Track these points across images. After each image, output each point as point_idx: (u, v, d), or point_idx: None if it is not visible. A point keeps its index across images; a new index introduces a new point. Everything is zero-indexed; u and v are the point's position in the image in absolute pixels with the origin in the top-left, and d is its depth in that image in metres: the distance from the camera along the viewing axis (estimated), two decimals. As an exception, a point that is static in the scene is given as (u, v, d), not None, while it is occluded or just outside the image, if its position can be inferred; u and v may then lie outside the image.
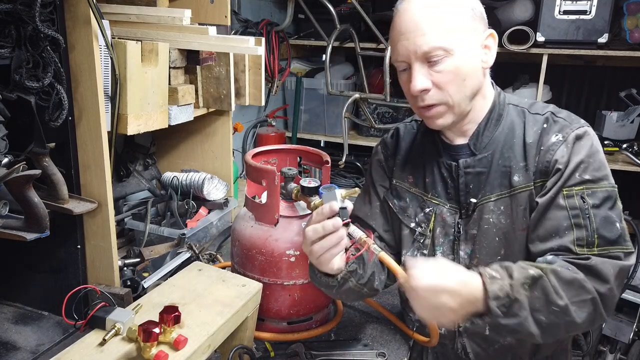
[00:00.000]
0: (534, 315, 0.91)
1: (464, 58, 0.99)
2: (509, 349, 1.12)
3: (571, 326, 0.93)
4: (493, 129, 1.08)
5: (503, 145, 1.07)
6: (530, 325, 0.91)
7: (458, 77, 0.99)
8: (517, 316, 0.90)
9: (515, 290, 0.90)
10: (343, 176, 2.97)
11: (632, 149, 2.68)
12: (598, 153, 1.02)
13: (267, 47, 2.72)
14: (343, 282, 1.06)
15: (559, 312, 0.91)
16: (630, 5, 2.55)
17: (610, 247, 0.96)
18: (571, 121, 1.05)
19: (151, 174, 1.93)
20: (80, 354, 0.89)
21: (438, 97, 1.01)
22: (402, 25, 1.00)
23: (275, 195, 1.21)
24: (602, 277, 0.93)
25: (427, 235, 1.15)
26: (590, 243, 0.96)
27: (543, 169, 1.03)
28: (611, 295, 0.94)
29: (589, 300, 0.92)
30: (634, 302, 2.30)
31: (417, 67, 0.99)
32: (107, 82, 1.31)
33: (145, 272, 1.47)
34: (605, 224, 0.97)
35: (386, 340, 1.30)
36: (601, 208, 0.98)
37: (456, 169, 1.09)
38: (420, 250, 1.16)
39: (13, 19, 1.03)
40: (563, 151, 1.01)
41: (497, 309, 0.89)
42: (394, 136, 1.25)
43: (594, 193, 0.99)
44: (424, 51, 0.97)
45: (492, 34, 1.04)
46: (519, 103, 1.11)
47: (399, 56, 1.02)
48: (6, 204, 1.13)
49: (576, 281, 0.92)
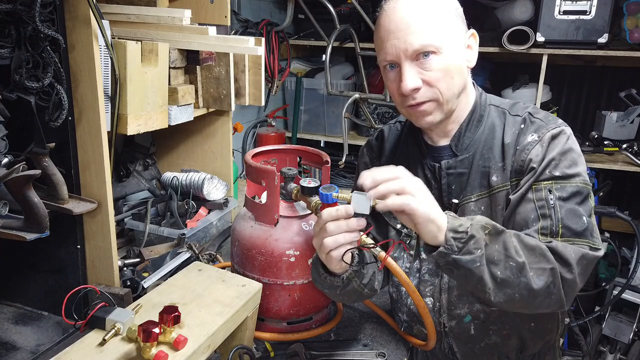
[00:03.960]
0: (490, 267, 0.90)
1: (451, 56, 1.00)
2: (495, 347, 1.12)
3: (526, 289, 0.91)
4: (474, 130, 1.09)
5: (483, 146, 1.08)
6: (484, 273, 0.90)
7: (448, 74, 1.00)
8: (471, 254, 0.89)
9: (473, 229, 0.91)
10: (343, 176, 2.98)
11: (632, 149, 2.68)
12: (572, 151, 1.02)
13: (267, 47, 2.73)
14: (347, 282, 1.07)
15: (516, 269, 0.90)
16: (630, 5, 2.55)
17: (575, 239, 0.95)
18: (548, 122, 1.05)
19: (151, 174, 1.93)
20: (80, 354, 0.89)
21: (429, 94, 1.01)
22: (391, 24, 1.00)
23: (275, 195, 1.21)
24: (564, 259, 0.92)
25: (412, 236, 1.16)
26: (554, 232, 0.96)
27: (518, 167, 1.04)
28: (573, 280, 0.92)
29: (548, 269, 0.91)
30: (634, 302, 2.30)
31: (407, 66, 0.99)
32: (107, 82, 1.31)
33: (145, 272, 1.47)
34: (570, 215, 0.97)
35: (386, 340, 1.30)
36: (568, 201, 0.98)
37: (438, 170, 1.10)
38: (406, 251, 1.17)
39: (13, 19, 1.03)
40: (538, 150, 1.02)
41: (453, 241, 0.89)
42: (379, 138, 1.26)
43: (562, 187, 0.99)
44: (414, 49, 0.97)
45: (473, 34, 1.07)
46: (500, 104, 1.12)
47: (387, 55, 1.02)
48: (6, 204, 1.13)
49: (538, 248, 0.93)
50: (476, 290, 0.94)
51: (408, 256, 1.17)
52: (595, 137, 2.82)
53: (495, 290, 0.91)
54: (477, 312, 1.09)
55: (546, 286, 0.91)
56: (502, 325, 1.10)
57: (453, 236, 0.90)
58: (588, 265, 0.95)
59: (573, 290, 0.94)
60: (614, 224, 2.71)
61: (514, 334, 1.11)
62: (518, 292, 0.92)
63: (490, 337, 1.11)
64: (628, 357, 2.37)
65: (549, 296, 0.92)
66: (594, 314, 2.31)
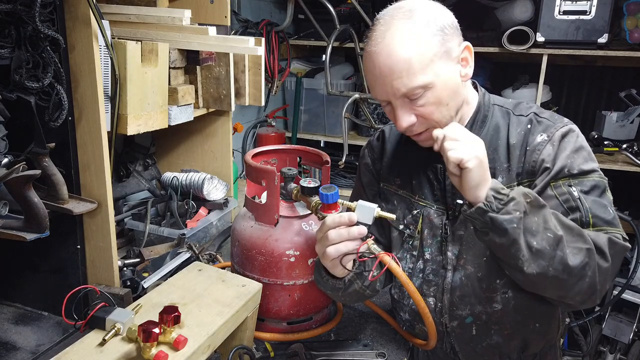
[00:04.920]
0: (526, 236, 0.89)
1: (443, 86, 0.98)
2: (497, 347, 1.12)
3: (561, 264, 0.90)
4: (478, 130, 1.09)
5: (488, 147, 1.06)
6: (520, 238, 0.89)
7: (441, 104, 0.99)
8: (510, 214, 0.89)
9: (515, 192, 0.91)
10: (343, 176, 2.97)
11: (632, 149, 2.68)
12: (583, 149, 1.02)
13: (267, 47, 2.73)
14: (349, 284, 1.09)
15: (553, 241, 0.90)
16: (630, 5, 2.55)
17: (607, 227, 0.96)
18: (554, 121, 1.06)
19: (151, 174, 1.92)
20: (80, 354, 0.89)
21: (425, 125, 1.02)
22: (375, 70, 0.98)
23: (275, 195, 1.21)
24: (598, 247, 0.92)
25: (415, 237, 1.16)
26: (585, 223, 0.96)
27: (530, 169, 1.03)
28: (607, 267, 0.92)
29: (585, 249, 0.91)
30: (634, 302, 2.30)
31: (399, 105, 1.00)
32: (107, 82, 1.31)
33: (145, 272, 1.47)
34: (597, 205, 0.97)
35: (386, 340, 1.30)
36: (590, 194, 0.99)
37: (442, 171, 1.10)
38: (410, 251, 1.17)
39: (13, 19, 1.03)
40: (549, 150, 1.02)
41: (493, 200, 0.89)
42: (380, 138, 1.26)
43: (581, 182, 0.99)
44: (402, 93, 0.97)
45: (467, 46, 1.03)
46: (504, 104, 1.12)
47: (378, 95, 1.03)
48: (6, 204, 1.13)
49: (576, 228, 0.93)
50: (509, 256, 0.92)
51: (411, 257, 1.16)
52: (595, 137, 2.82)
53: (529, 259, 0.90)
54: (479, 313, 1.09)
55: (582, 266, 0.91)
56: (503, 326, 1.10)
57: (494, 195, 0.89)
58: (619, 253, 0.95)
59: (606, 279, 0.94)
60: (614, 224, 2.71)
61: (516, 334, 1.11)
62: (553, 266, 0.90)
63: (492, 337, 1.11)
64: (628, 357, 2.37)
65: (583, 278, 0.91)
66: (594, 314, 2.31)
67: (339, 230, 0.98)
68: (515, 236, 0.89)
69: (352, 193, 1.32)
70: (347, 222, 0.97)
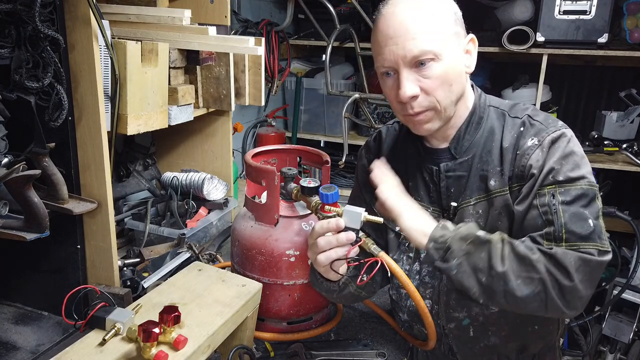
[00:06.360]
0: (476, 273, 0.95)
1: (450, 63, 0.98)
2: (495, 348, 1.12)
3: (510, 296, 0.93)
4: (473, 132, 1.07)
5: (482, 149, 1.06)
6: (464, 280, 0.96)
7: (446, 82, 0.98)
8: (448, 262, 0.97)
9: (452, 240, 0.97)
10: (343, 176, 2.97)
11: (632, 149, 2.68)
12: (573, 154, 0.99)
13: (267, 47, 2.72)
14: (344, 287, 1.12)
15: (497, 278, 0.94)
16: (630, 5, 2.55)
17: (580, 243, 0.93)
18: (547, 125, 1.03)
19: (151, 174, 1.92)
20: (80, 354, 0.89)
21: (426, 103, 1.00)
22: (389, 30, 0.98)
23: (275, 195, 1.21)
24: (563, 266, 0.91)
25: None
26: (558, 238, 0.94)
27: (519, 173, 1.02)
28: (572, 287, 0.91)
29: (536, 279, 0.92)
30: (634, 302, 2.30)
31: (406, 73, 0.98)
32: (107, 82, 1.31)
33: (145, 272, 1.47)
34: (574, 219, 0.94)
35: (386, 340, 1.30)
36: (572, 205, 0.95)
37: (437, 173, 1.10)
38: (406, 253, 1.16)
39: (13, 19, 1.03)
40: (538, 155, 0.99)
41: (433, 250, 0.98)
42: (377, 139, 1.26)
43: (566, 191, 0.96)
44: (413, 55, 0.96)
45: (472, 39, 1.04)
46: (500, 105, 1.10)
47: (385, 61, 1.00)
48: (6, 204, 1.13)
49: (527, 259, 0.93)
50: (463, 290, 0.98)
51: (407, 258, 1.16)
52: (595, 137, 2.82)
53: (480, 293, 0.96)
54: (475, 315, 1.09)
55: (533, 294, 0.92)
56: (501, 327, 1.10)
57: (434, 246, 0.98)
58: (593, 270, 0.93)
59: (575, 297, 0.92)
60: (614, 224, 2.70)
61: (514, 335, 1.11)
62: (502, 297, 0.94)
63: (490, 338, 1.11)
64: (628, 357, 2.37)
65: (541, 303, 0.93)
66: (594, 314, 2.31)
67: (328, 237, 1.00)
68: (458, 278, 0.97)
69: (351, 193, 1.33)
70: (334, 229, 1.00)
